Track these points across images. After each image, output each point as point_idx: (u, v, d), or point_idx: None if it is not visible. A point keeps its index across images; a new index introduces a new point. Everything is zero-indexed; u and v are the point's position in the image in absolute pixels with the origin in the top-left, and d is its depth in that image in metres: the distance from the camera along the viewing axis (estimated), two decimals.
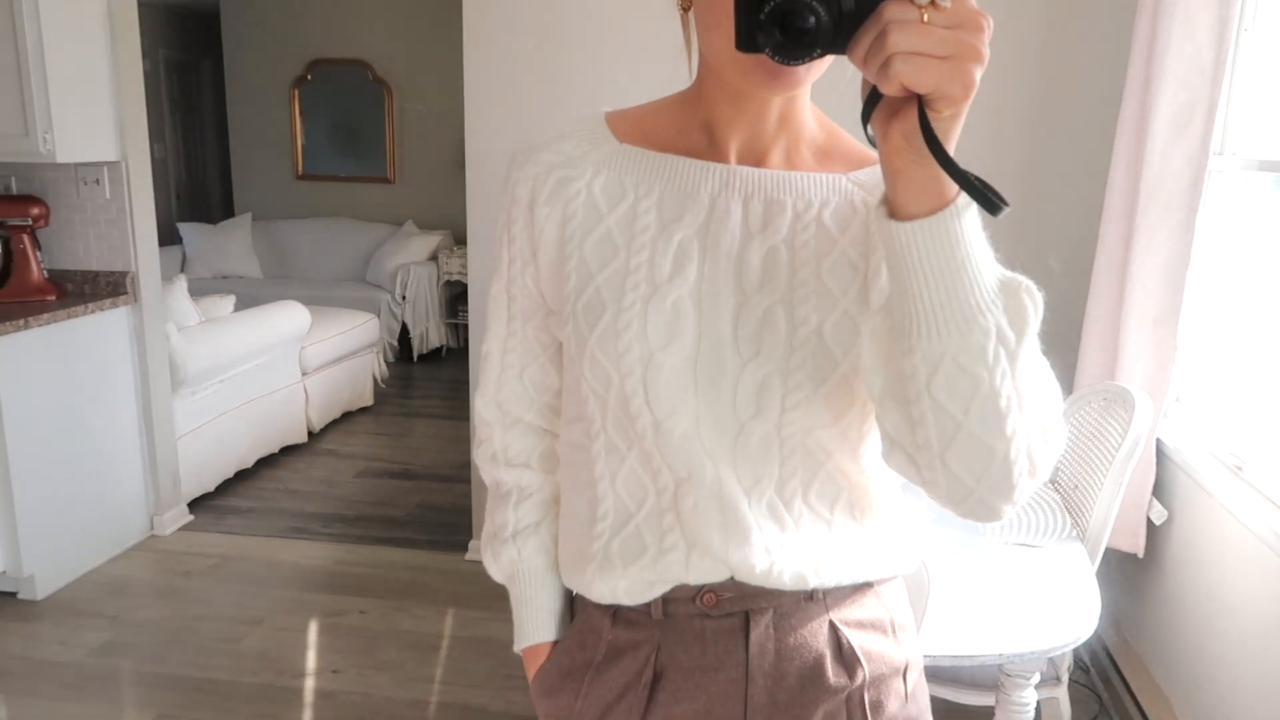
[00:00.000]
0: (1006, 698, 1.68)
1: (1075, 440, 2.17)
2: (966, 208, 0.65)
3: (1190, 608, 2.17)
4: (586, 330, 0.81)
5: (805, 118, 0.83)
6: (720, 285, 0.80)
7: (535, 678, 0.95)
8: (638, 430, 0.81)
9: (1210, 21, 2.10)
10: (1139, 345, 2.31)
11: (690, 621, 0.84)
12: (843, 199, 0.81)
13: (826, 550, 0.83)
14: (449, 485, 3.97)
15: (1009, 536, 1.89)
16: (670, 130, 0.84)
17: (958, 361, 0.67)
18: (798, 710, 0.84)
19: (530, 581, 0.95)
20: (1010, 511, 0.72)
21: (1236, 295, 2.29)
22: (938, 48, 0.58)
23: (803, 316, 0.79)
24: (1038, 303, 0.68)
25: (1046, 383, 0.71)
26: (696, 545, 0.82)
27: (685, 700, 0.85)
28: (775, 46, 0.63)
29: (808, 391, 0.79)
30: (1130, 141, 2.32)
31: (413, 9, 6.44)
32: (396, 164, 6.81)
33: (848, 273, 0.79)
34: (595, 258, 0.82)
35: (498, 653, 2.71)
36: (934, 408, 0.68)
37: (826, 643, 0.85)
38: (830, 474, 0.83)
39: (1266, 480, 1.94)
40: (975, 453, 0.68)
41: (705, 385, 0.79)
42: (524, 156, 0.86)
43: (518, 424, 0.97)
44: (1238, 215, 2.29)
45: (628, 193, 0.83)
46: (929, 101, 0.61)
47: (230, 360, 3.88)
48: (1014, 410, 0.68)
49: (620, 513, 0.85)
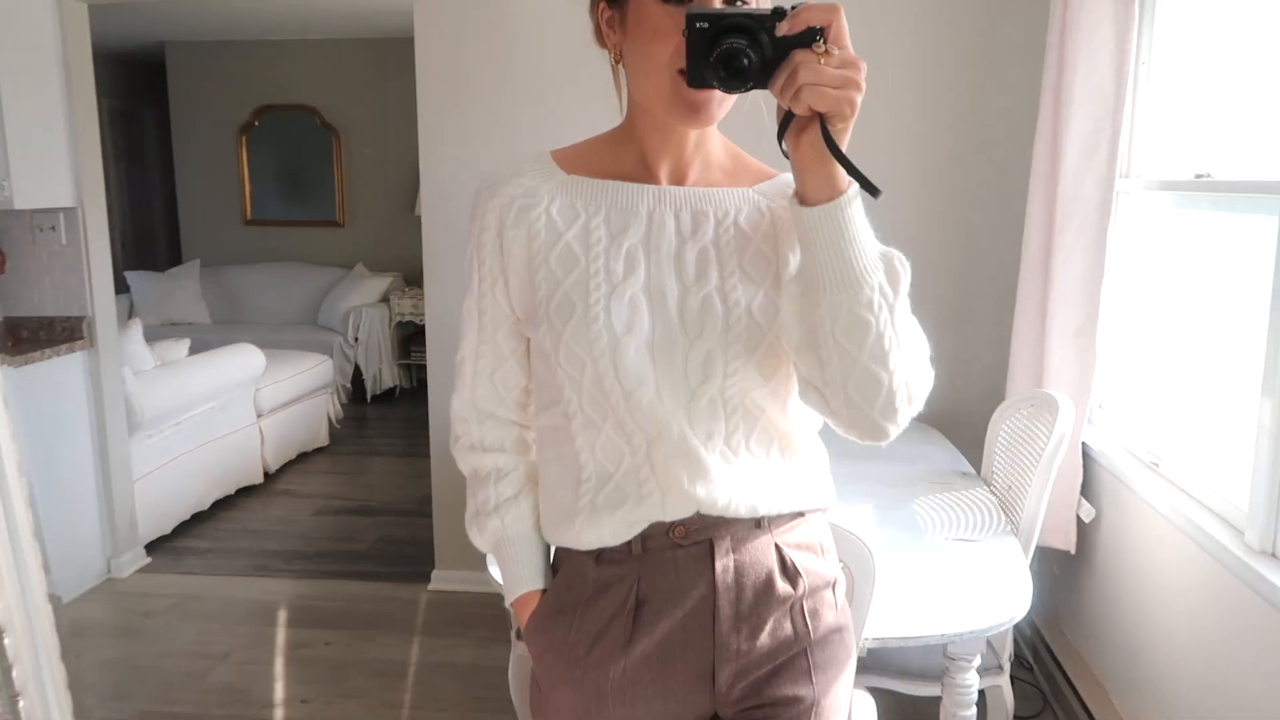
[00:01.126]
0: (951, 681, 1.79)
1: (1007, 445, 2.32)
2: (854, 197, 0.89)
3: (1120, 598, 2.32)
4: (560, 326, 0.99)
5: (715, 146, 1.06)
6: (665, 281, 1.00)
7: (529, 622, 1.09)
8: (611, 402, 0.99)
9: (1110, 57, 2.30)
10: (1062, 355, 2.48)
11: (664, 553, 1.02)
12: (751, 206, 1.04)
13: (768, 485, 1.03)
14: (409, 519, 4.01)
15: (949, 533, 2.02)
16: (607, 160, 1.05)
17: (852, 311, 0.90)
18: (755, 618, 1.03)
19: (515, 543, 1.11)
20: (895, 432, 0.95)
21: (1147, 305, 2.47)
22: (832, 81, 0.83)
23: (734, 300, 0.99)
24: (907, 269, 0.93)
25: (917, 334, 0.95)
26: (670, 489, 0.99)
27: (665, 618, 1.02)
28: (720, 81, 0.86)
29: (743, 360, 0.98)
30: (1045, 167, 2.51)
31: (359, 55, 6.55)
32: (346, 207, 6.87)
33: (762, 263, 1.01)
34: (560, 267, 1.00)
35: (465, 676, 2.76)
36: (837, 349, 0.91)
37: (773, 560, 1.04)
38: (765, 426, 1.03)
39: (1180, 473, 2.11)
40: (869, 383, 0.91)
41: (661, 361, 0.98)
42: (489, 191, 1.04)
43: (490, 418, 1.13)
44: (1144, 232, 2.49)
45: (580, 213, 1.02)
46: (827, 118, 0.85)
47: (186, 403, 3.90)
48: (895, 349, 0.91)
49: (601, 474, 1.02)
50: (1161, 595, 2.11)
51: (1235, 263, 2.03)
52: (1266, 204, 1.76)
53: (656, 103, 0.97)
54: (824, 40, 0.83)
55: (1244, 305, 1.89)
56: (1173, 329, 2.33)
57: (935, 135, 2.90)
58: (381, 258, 6.76)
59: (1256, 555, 1.71)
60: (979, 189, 2.92)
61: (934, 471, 2.41)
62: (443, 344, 3.23)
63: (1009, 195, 2.83)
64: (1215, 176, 2.10)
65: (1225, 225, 2.15)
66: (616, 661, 1.03)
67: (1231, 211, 2.10)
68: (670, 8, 0.92)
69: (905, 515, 2.11)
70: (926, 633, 1.61)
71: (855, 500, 2.19)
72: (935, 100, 2.89)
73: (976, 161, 2.91)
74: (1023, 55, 2.79)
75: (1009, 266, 2.78)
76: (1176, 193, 2.31)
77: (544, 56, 3.01)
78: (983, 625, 1.64)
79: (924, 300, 2.93)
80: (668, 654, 1.03)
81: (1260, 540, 1.71)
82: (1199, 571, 1.91)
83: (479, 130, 3.07)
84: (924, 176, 2.92)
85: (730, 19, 0.85)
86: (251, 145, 6.86)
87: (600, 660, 1.04)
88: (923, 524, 2.07)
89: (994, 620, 1.65)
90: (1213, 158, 2.14)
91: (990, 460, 2.38)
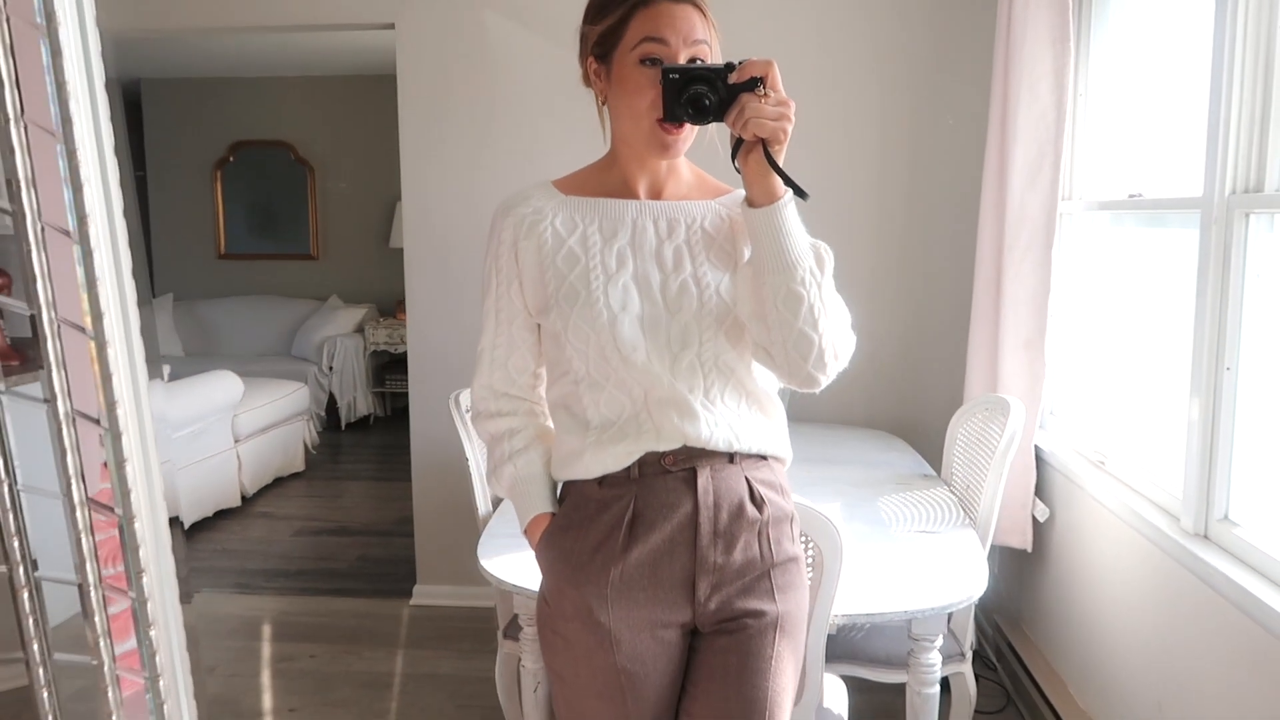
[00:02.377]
0: (916, 661, 1.91)
1: (965, 447, 2.48)
2: (789, 201, 1.18)
3: (1075, 592, 2.47)
4: (568, 310, 1.26)
5: (683, 169, 1.35)
6: (649, 271, 1.28)
7: (540, 539, 1.33)
8: (612, 365, 1.25)
9: (1050, 88, 2.50)
10: (1015, 364, 2.64)
11: (656, 478, 1.26)
12: (714, 214, 1.33)
13: (740, 428, 1.29)
14: (388, 539, 4.08)
15: (912, 527, 2.16)
16: (597, 183, 1.33)
17: (789, 287, 1.19)
18: (729, 535, 1.27)
19: (527, 481, 1.35)
20: (825, 382, 1.24)
21: (1092, 316, 2.65)
22: (770, 115, 1.13)
23: (705, 284, 1.27)
24: (830, 256, 1.23)
25: (841, 306, 1.25)
26: (663, 426, 1.25)
27: (656, 530, 1.26)
28: (689, 117, 1.19)
29: (714, 330, 1.26)
30: (993, 189, 2.70)
31: (334, 92, 6.69)
32: (320, 241, 6.96)
33: (724, 256, 1.30)
34: (565, 265, 1.28)
35: (450, 686, 2.84)
36: (779, 318, 1.20)
37: (744, 489, 1.28)
38: (735, 383, 1.29)
39: (1123, 469, 2.27)
40: (804, 342, 1.20)
41: (650, 332, 1.25)
42: (503, 212, 1.32)
43: (504, 396, 1.39)
44: (1086, 249, 2.68)
45: (578, 224, 1.30)
46: (768, 143, 1.15)
47: (165, 427, 3.95)
48: (823, 316, 1.20)
49: (605, 422, 1.28)
50: (1111, 586, 2.26)
51: (1166, 274, 2.22)
52: (1189, 219, 1.94)
53: (637, 140, 1.26)
54: (763, 86, 1.14)
55: (1175, 312, 2.06)
56: (1114, 337, 2.51)
57: (893, 160, 3.09)
58: (356, 290, 6.85)
59: (1191, 538, 1.86)
60: (934, 212, 3.11)
61: (897, 474, 2.56)
62: (424, 370, 3.33)
63: (962, 217, 3.02)
64: (1146, 195, 2.29)
65: (1156, 240, 2.34)
66: (615, 565, 1.25)
67: (1161, 227, 2.29)
68: (646, 69, 1.21)
69: (871, 511, 2.25)
70: (892, 610, 1.75)
71: (823, 499, 2.32)
72: (892, 126, 3.08)
73: (931, 186, 3.10)
74: (972, 85, 2.99)
75: (964, 282, 2.96)
76: (1113, 211, 2.50)
77: (524, 90, 3.16)
78: (944, 603, 1.77)
79: (886, 314, 3.13)
80: (657, 562, 1.26)
81: (1194, 524, 1.87)
82: (1143, 559, 2.06)
83: (460, 163, 3.21)
84: (884, 199, 3.10)
85: (695, 72, 1.17)
86: (226, 180, 6.95)
87: (602, 564, 1.26)
88: (887, 519, 2.21)
89: (954, 598, 1.78)
90: (1143, 178, 2.33)
91: (950, 462, 2.53)
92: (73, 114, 0.61)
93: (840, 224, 3.07)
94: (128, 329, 0.65)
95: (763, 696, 1.26)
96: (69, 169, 0.62)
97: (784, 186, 1.17)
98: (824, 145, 3.03)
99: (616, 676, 1.26)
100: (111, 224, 0.64)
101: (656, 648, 1.27)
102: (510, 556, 1.94)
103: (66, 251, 0.64)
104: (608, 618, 1.25)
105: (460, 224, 3.21)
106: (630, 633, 1.26)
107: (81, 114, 0.62)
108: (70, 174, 0.62)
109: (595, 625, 1.26)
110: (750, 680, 1.26)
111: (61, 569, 0.74)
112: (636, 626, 1.26)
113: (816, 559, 1.61)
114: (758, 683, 1.26)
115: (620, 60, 1.23)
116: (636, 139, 1.25)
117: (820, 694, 1.75)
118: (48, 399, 0.65)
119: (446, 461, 3.16)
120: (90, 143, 0.63)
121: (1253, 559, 1.70)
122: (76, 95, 0.61)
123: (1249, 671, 1.64)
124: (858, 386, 3.14)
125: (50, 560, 0.79)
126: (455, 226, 3.22)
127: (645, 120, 1.22)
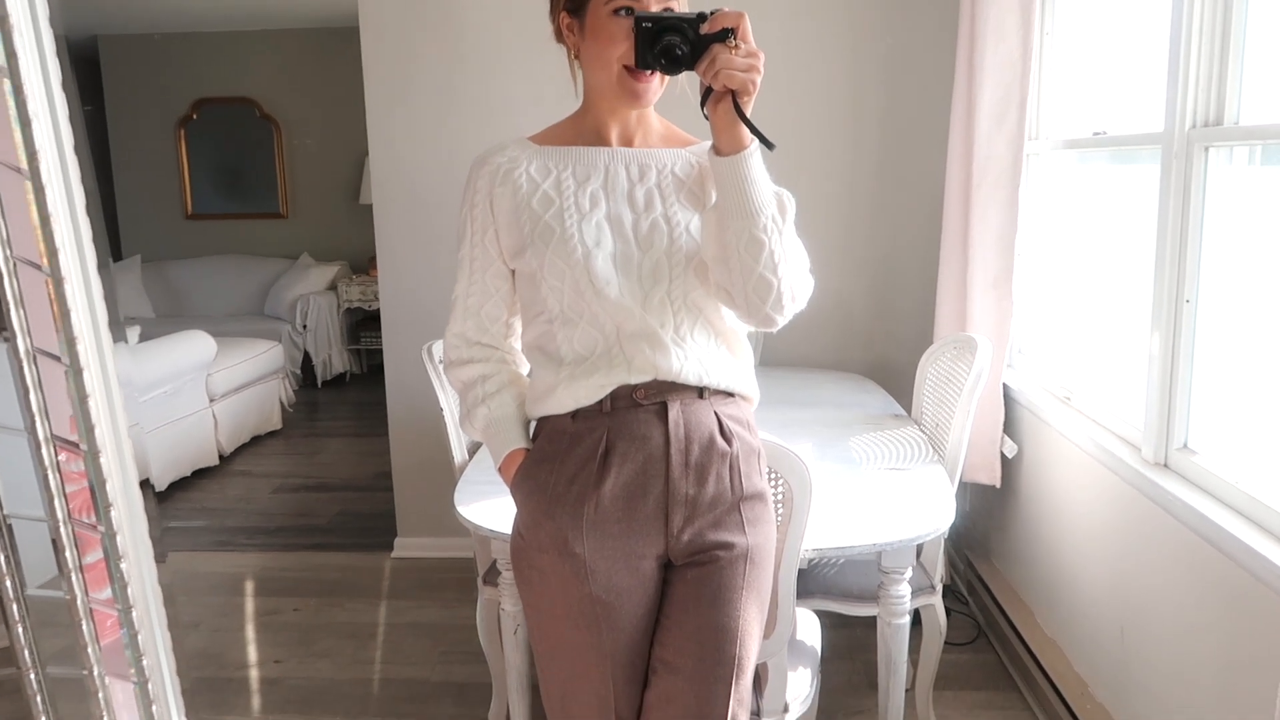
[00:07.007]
0: (886, 593, 1.96)
1: (934, 385, 2.51)
2: (755, 151, 1.20)
3: (1042, 525, 2.53)
4: (544, 248, 1.29)
5: (652, 120, 1.38)
6: (621, 211, 1.31)
7: (515, 473, 1.35)
8: (586, 300, 1.28)
9: (1016, 27, 2.50)
10: (983, 303, 2.68)
11: (629, 411, 1.29)
12: (684, 161, 1.36)
13: (709, 365, 1.32)
14: (369, 494, 4.10)
15: (882, 464, 2.20)
16: (570, 133, 1.37)
17: (752, 233, 1.22)
18: (700, 468, 1.30)
19: (501, 421, 1.38)
20: (782, 323, 1.27)
21: (1058, 255, 2.68)
22: (740, 66, 1.15)
23: (675, 223, 1.31)
24: (792, 203, 1.26)
25: (800, 252, 1.27)
26: (634, 359, 1.29)
27: (629, 462, 1.29)
28: (661, 66, 1.21)
29: (683, 268, 1.30)
30: (961, 131, 2.70)
31: (298, 46, 6.56)
32: (289, 199, 6.88)
33: (693, 199, 1.33)
34: (540, 206, 1.31)
35: (434, 634, 2.88)
36: (740, 262, 1.22)
37: (714, 423, 1.32)
38: (704, 320, 1.33)
39: (1088, 404, 2.31)
40: (764, 285, 1.23)
41: (623, 269, 1.29)
42: (479, 163, 1.35)
43: (476, 344, 1.40)
44: (1052, 189, 2.70)
45: (552, 170, 1.33)
46: (736, 93, 1.17)
47: (139, 388, 3.93)
48: (783, 261, 1.23)
49: (578, 359, 1.31)
50: (1076, 518, 2.31)
51: (1131, 211, 2.24)
52: (1150, 154, 1.96)
53: (608, 90, 1.28)
54: (734, 37, 1.16)
55: (1140, 249, 2.09)
56: (1081, 275, 2.54)
57: (862, 102, 3.08)
58: (327, 247, 6.79)
59: (1151, 467, 1.91)
60: (902, 154, 3.11)
61: (868, 415, 2.59)
62: (397, 325, 3.32)
63: (931, 158, 3.02)
64: (1110, 133, 2.31)
65: (1122, 177, 2.36)
66: (590, 498, 1.28)
67: (1126, 164, 2.31)
68: (620, 19, 1.22)
69: (842, 450, 2.29)
70: (861, 543, 1.79)
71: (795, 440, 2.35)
72: (861, 70, 3.07)
73: (900, 128, 3.10)
74: (939, 27, 2.98)
75: (933, 223, 2.98)
76: (1079, 150, 2.52)
77: (490, 40, 3.12)
78: (912, 535, 1.81)
79: (856, 257, 3.15)
80: (631, 494, 1.29)
81: (1154, 453, 1.92)
82: (1105, 490, 2.12)
83: (428, 115, 3.17)
84: (855, 143, 3.10)
85: (667, 21, 1.19)
86: (190, 139, 6.82)
87: (577, 496, 1.29)
88: (858, 457, 2.24)
89: (922, 530, 1.83)
90: (1109, 116, 2.35)
91: (919, 401, 2.57)
92: (17, 48, 0.61)
93: (809, 165, 3.08)
94: (84, 264, 0.65)
95: (734, 625, 1.29)
96: (16, 105, 0.62)
97: (750, 136, 1.19)
98: (792, 86, 3.01)
99: (592, 606, 1.29)
100: (63, 160, 0.64)
101: (631, 579, 1.30)
102: (487, 503, 1.96)
103: (20, 189, 0.64)
104: (583, 548, 1.28)
105: (430, 177, 3.19)
106: (605, 563, 1.29)
107: (27, 49, 0.62)
108: (18, 110, 0.62)
109: (570, 556, 1.28)
110: (722, 610, 1.29)
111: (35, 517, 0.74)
112: (611, 557, 1.29)
113: (786, 495, 1.64)
114: (730, 612, 1.29)
115: (594, 12, 1.25)
116: (608, 89, 1.28)
117: (793, 627, 1.79)
118: (7, 337, 0.65)
119: (423, 415, 3.17)
120: (37, 78, 0.63)
121: (1211, 486, 1.75)
122: (20, 29, 0.61)
123: (1207, 594, 1.70)
124: (828, 329, 3.17)
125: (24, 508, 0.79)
126: (425, 180, 3.19)
127: (616, 69, 1.24)
